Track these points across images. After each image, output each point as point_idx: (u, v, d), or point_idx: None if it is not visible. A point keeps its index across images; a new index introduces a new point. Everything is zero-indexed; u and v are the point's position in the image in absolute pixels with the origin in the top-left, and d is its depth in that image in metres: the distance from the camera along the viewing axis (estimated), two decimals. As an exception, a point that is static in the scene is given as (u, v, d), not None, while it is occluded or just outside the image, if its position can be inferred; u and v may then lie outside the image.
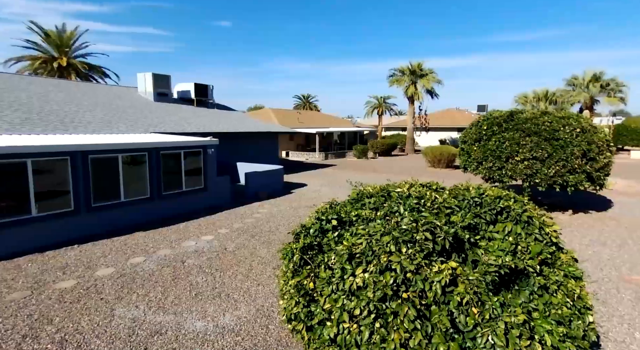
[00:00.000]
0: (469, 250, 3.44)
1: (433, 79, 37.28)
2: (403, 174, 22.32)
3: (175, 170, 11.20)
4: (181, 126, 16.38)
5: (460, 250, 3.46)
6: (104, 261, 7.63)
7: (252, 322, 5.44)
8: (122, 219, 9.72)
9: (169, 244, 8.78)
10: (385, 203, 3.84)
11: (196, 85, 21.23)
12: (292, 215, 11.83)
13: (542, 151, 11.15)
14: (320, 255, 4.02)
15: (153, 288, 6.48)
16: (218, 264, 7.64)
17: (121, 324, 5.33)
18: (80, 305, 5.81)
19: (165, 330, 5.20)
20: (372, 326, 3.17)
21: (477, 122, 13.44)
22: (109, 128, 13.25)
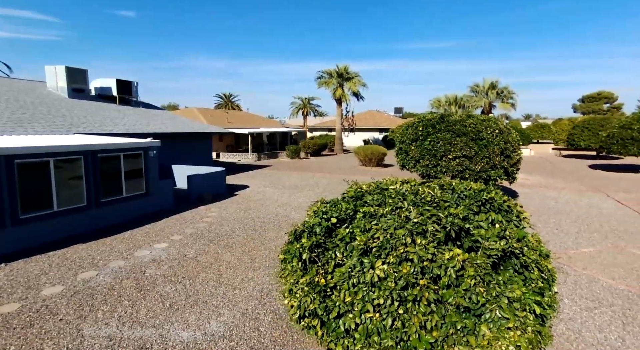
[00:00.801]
0: (464, 238, 3.91)
1: (359, 82, 39.15)
2: (338, 173, 23.17)
3: (114, 175, 10.25)
4: (107, 126, 14.94)
5: (456, 239, 3.93)
6: (46, 279, 6.75)
7: (241, 326, 5.37)
8: (56, 231, 8.62)
9: (120, 255, 8.06)
10: (390, 199, 4.15)
11: (118, 82, 19.44)
12: (245, 217, 11.63)
13: (470, 150, 12.62)
14: (327, 252, 4.19)
15: (119, 302, 5.96)
16: (183, 272, 7.27)
17: (96, 344, 4.85)
18: (37, 330, 5.12)
19: (150, 344, 4.87)
20: (394, 313, 3.45)
21: (412, 123, 14.62)
22: (22, 128, 11.56)
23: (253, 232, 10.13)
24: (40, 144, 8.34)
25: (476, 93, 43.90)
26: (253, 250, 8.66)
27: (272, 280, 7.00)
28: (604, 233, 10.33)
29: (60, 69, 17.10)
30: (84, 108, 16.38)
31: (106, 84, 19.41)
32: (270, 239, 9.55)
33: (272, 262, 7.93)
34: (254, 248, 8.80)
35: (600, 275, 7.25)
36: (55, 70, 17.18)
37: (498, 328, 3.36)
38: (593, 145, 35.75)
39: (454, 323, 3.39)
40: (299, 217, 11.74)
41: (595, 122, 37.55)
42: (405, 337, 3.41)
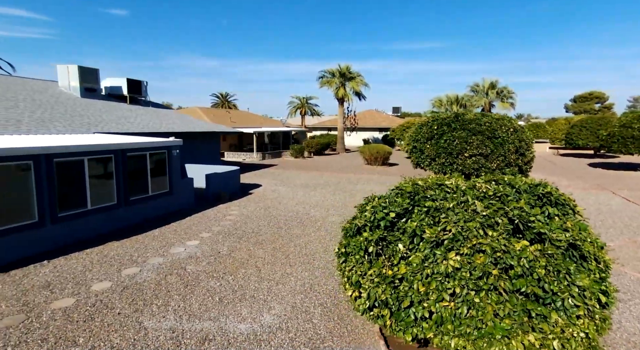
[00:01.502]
0: (526, 231, 4.12)
1: (361, 82, 39.39)
2: (345, 172, 23.38)
3: (141, 173, 10.35)
4: (123, 126, 15.00)
5: (518, 231, 4.14)
6: (92, 275, 6.87)
7: (294, 319, 5.54)
8: (89, 229, 8.72)
9: (156, 252, 8.19)
10: (454, 194, 4.35)
11: (129, 81, 19.46)
12: (266, 215, 11.79)
13: (486, 148, 12.89)
14: (390, 245, 4.38)
15: (169, 297, 6.11)
16: (222, 268, 7.42)
17: (160, 335, 5.00)
18: (99, 323, 5.26)
19: (212, 336, 5.03)
20: (469, 302, 3.65)
21: (426, 122, 14.87)
22: (45, 128, 11.61)
23: (278, 229, 10.30)
24: (75, 143, 8.43)
25: (476, 92, 44.33)
26: (283, 247, 8.83)
27: (311, 275, 7.18)
28: (619, 229, 10.64)
29: (73, 68, 17.09)
30: (97, 107, 16.41)
31: (116, 83, 19.42)
32: (297, 236, 9.73)
33: (305, 258, 8.11)
34: (284, 245, 8.96)
35: (627, 269, 7.52)
36: (67, 69, 17.17)
37: (569, 316, 3.57)
38: (591, 144, 36.26)
39: (527, 311, 3.60)
40: (319, 215, 11.93)
41: (593, 121, 38.08)
42: (480, 324, 3.61)
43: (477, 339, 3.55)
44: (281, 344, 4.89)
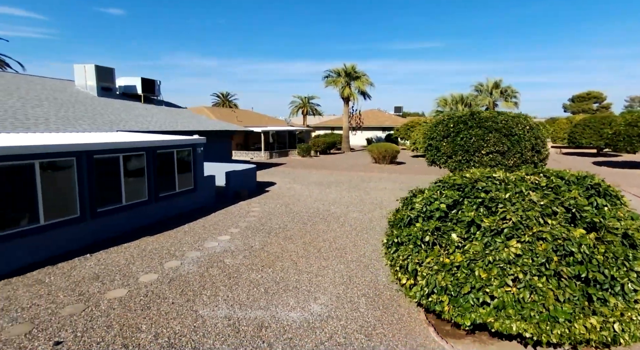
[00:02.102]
0: (578, 220, 4.33)
1: (367, 81, 39.61)
2: (354, 170, 23.59)
3: (169, 171, 10.54)
4: (143, 124, 15.18)
5: (572, 220, 4.34)
6: (136, 268, 7.06)
7: (341, 308, 5.74)
8: (124, 224, 8.92)
9: (191, 246, 8.38)
10: (506, 185, 4.55)
11: (143, 80, 19.63)
12: (288, 212, 11.98)
13: (502, 145, 13.10)
14: (445, 235, 4.58)
15: (216, 288, 6.30)
16: (259, 262, 7.62)
17: (218, 323, 5.20)
18: (156, 311, 5.45)
19: (267, 323, 5.23)
20: (531, 288, 3.86)
21: (441, 120, 15.07)
22: (72, 126, 11.78)
23: (304, 225, 10.49)
24: (111, 141, 8.62)
25: (480, 92, 44.60)
26: (313, 241, 9.03)
27: (346, 268, 7.38)
28: None
29: (90, 67, 17.25)
30: (115, 106, 16.58)
31: (130, 82, 19.59)
32: (323, 231, 9.93)
33: (336, 252, 8.31)
34: (313, 240, 9.16)
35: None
36: (84, 69, 17.33)
37: (627, 300, 3.78)
38: (594, 143, 36.52)
39: (587, 295, 3.81)
40: (340, 212, 12.13)
41: (596, 120, 38.36)
42: (541, 308, 3.82)
43: (539, 322, 3.75)
44: (335, 331, 5.09)
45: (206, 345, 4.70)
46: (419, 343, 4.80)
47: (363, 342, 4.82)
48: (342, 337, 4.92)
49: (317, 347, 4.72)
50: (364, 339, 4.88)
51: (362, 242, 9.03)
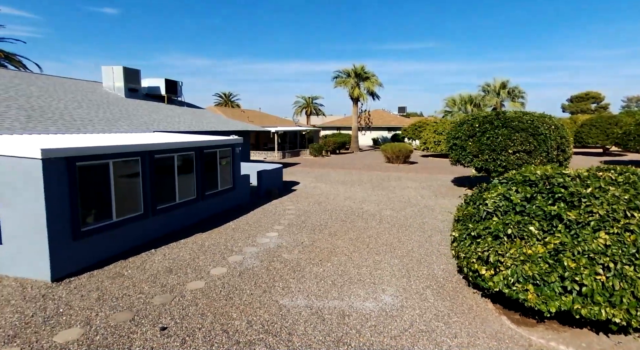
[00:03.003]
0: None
1: (376, 82, 39.97)
2: (371, 170, 23.94)
3: (212, 170, 10.87)
4: (174, 125, 15.52)
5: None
6: (202, 262, 7.39)
7: (411, 299, 6.07)
8: (177, 221, 9.25)
9: (245, 242, 8.71)
10: (584, 181, 4.88)
11: (167, 81, 19.96)
12: (323, 210, 12.31)
13: (529, 145, 13.45)
14: (525, 227, 4.91)
15: (285, 281, 6.63)
16: (314, 256, 7.95)
17: (302, 311, 5.53)
18: (239, 301, 5.78)
19: (348, 312, 5.57)
20: (621, 275, 4.19)
21: (466, 120, 15.42)
22: (114, 126, 12.11)
23: (343, 222, 10.82)
24: (167, 141, 8.95)
25: (487, 92, 44.96)
26: (358, 238, 9.36)
27: (400, 262, 7.71)
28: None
29: (118, 69, 17.58)
30: (143, 107, 16.91)
31: (154, 83, 19.91)
32: (364, 228, 10.26)
33: (384, 247, 8.64)
34: (358, 236, 9.49)
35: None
36: (112, 70, 17.66)
37: None
38: (601, 142, 36.88)
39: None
40: (373, 210, 12.46)
41: (603, 120, 38.74)
42: (630, 296, 4.15)
43: (629, 308, 4.09)
44: (414, 319, 5.42)
45: (299, 331, 5.04)
46: (496, 330, 5.14)
47: (444, 329, 5.16)
48: (422, 325, 5.26)
49: (402, 333, 5.05)
50: (444, 327, 5.21)
51: (406, 238, 9.36)
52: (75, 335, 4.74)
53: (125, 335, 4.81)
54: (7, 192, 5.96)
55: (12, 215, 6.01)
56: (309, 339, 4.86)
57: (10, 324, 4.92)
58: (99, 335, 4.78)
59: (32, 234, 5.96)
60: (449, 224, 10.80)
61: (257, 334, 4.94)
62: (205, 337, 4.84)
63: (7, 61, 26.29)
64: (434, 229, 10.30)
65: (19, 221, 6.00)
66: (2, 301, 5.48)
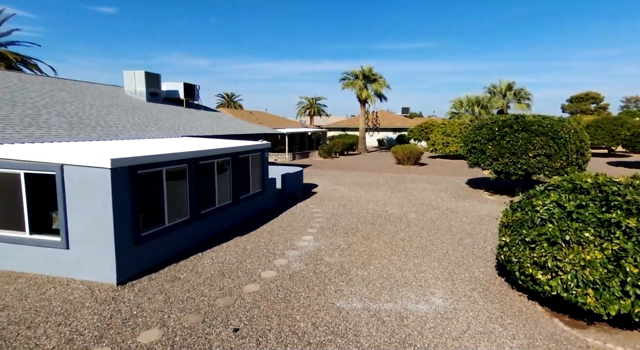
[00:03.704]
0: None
1: (384, 84, 40.22)
2: (384, 171, 24.21)
3: (245, 174, 11.12)
4: (198, 129, 15.77)
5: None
6: (250, 265, 7.64)
7: (461, 301, 6.32)
8: (217, 225, 9.51)
9: (285, 245, 8.97)
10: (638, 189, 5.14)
11: (185, 85, 20.19)
12: (349, 213, 12.56)
13: (550, 148, 13.71)
14: (582, 233, 5.17)
15: (335, 284, 6.89)
16: (355, 259, 8.20)
17: (360, 314, 5.79)
18: (297, 304, 6.03)
19: (405, 314, 5.82)
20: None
21: (484, 124, 15.68)
22: (146, 131, 12.36)
23: (372, 226, 11.08)
24: (209, 148, 9.20)
25: (494, 94, 45.21)
26: (391, 241, 9.61)
27: (440, 265, 7.96)
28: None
29: (140, 74, 17.82)
30: (165, 111, 17.16)
31: (173, 87, 20.14)
32: (394, 231, 10.51)
33: (420, 250, 8.89)
34: (391, 239, 9.74)
35: None
36: (134, 75, 17.90)
37: None
38: (607, 143, 37.15)
39: None
40: (398, 213, 12.71)
41: (608, 121, 39.01)
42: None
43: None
44: (469, 321, 5.68)
45: (364, 332, 5.30)
46: (551, 332, 5.39)
47: (501, 331, 5.42)
48: (479, 327, 5.51)
49: (461, 335, 5.31)
50: (500, 329, 5.47)
51: (438, 241, 9.61)
52: (155, 336, 4.99)
53: (202, 336, 5.07)
54: (75, 200, 6.21)
55: (79, 221, 6.26)
56: (375, 340, 5.11)
57: (93, 325, 5.17)
58: (177, 336, 5.04)
59: (99, 239, 6.22)
60: (475, 226, 11.07)
61: (325, 335, 5.20)
62: (277, 338, 5.10)
63: (22, 65, 26.54)
64: (463, 232, 10.55)
65: (86, 227, 6.25)
66: (77, 304, 5.74)
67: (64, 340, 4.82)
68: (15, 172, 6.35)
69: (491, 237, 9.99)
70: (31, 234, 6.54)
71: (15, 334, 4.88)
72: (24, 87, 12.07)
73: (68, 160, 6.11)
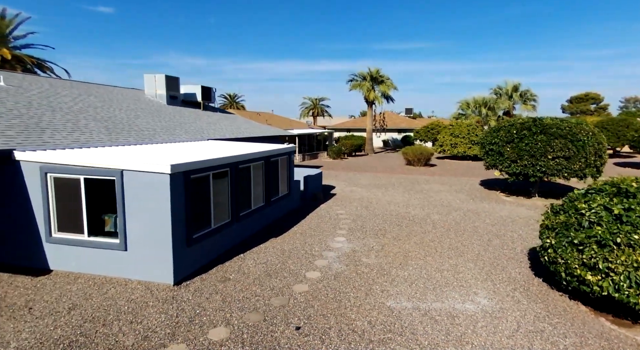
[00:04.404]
0: None
1: (391, 85, 40.48)
2: (395, 172, 24.44)
3: (275, 177, 11.35)
4: (219, 132, 16.00)
5: None
6: (293, 266, 7.86)
7: (505, 301, 6.54)
8: (252, 227, 9.74)
9: (321, 247, 9.19)
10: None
11: (203, 88, 20.43)
12: (373, 214, 12.79)
13: (569, 150, 13.94)
14: (631, 236, 5.39)
15: (380, 284, 7.11)
16: (391, 260, 8.42)
17: (412, 313, 6.02)
18: (348, 304, 6.25)
19: (455, 313, 6.05)
20: None
21: (502, 126, 15.92)
22: (176, 136, 12.58)
23: (399, 227, 11.31)
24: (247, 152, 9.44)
25: (500, 95, 45.46)
26: (422, 242, 9.83)
27: (475, 266, 8.18)
28: None
29: (160, 77, 18.07)
30: (186, 114, 17.40)
31: (191, 90, 20.37)
32: (422, 232, 10.73)
33: (453, 251, 9.11)
34: (421, 241, 9.96)
35: None
36: (154, 78, 18.14)
37: None
38: (612, 144, 37.36)
39: None
40: (421, 214, 12.94)
41: (614, 122, 39.27)
42: None
43: None
44: (518, 320, 5.90)
45: (420, 331, 5.52)
46: (600, 331, 5.62)
47: (551, 329, 5.64)
48: (529, 325, 5.74)
49: (514, 333, 5.53)
50: (550, 328, 5.69)
51: (467, 242, 9.84)
52: (224, 334, 5.22)
53: (267, 333, 5.30)
54: (133, 203, 6.44)
55: (137, 224, 6.49)
56: (433, 339, 5.34)
57: (163, 323, 5.40)
58: (244, 333, 5.27)
59: (157, 241, 6.45)
60: (500, 228, 11.29)
61: (384, 334, 5.43)
62: (339, 336, 5.33)
63: (38, 68, 26.79)
64: (489, 233, 10.77)
65: (144, 230, 6.48)
66: (141, 303, 5.97)
67: (140, 337, 5.06)
68: (75, 177, 6.58)
69: (517, 239, 10.22)
70: (89, 236, 6.77)
71: (93, 331, 5.12)
72: (56, 92, 12.30)
73: (128, 165, 6.34)
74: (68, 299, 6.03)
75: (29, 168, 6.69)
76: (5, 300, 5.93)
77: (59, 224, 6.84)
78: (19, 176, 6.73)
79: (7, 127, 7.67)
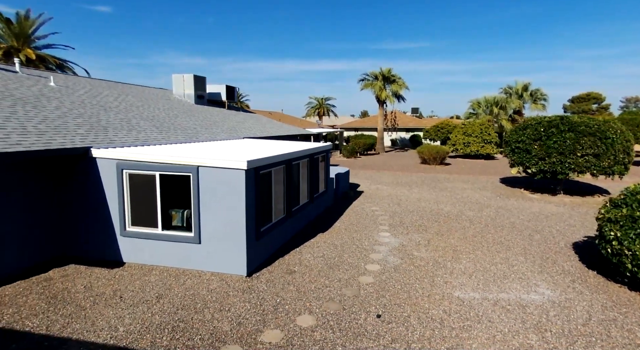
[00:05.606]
0: None
1: (403, 85, 40.68)
2: (412, 171, 24.63)
3: (316, 174, 11.57)
4: (250, 131, 16.24)
5: None
6: (351, 260, 8.05)
7: (567, 293, 6.73)
8: (300, 222, 9.96)
9: (370, 241, 9.38)
10: None
11: (227, 88, 20.70)
12: (407, 211, 12.98)
13: (598, 148, 14.12)
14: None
15: (440, 276, 7.31)
16: (442, 254, 8.62)
17: (482, 303, 6.22)
18: (418, 294, 6.46)
19: (524, 303, 6.25)
20: None
21: (528, 124, 16.10)
22: (216, 134, 12.82)
23: (437, 223, 11.50)
24: (298, 149, 9.68)
25: (510, 95, 45.63)
26: (465, 237, 10.02)
27: (525, 260, 8.35)
28: None
29: (189, 77, 18.33)
30: (214, 113, 17.64)
31: (216, 89, 20.64)
32: (461, 228, 10.92)
33: (498, 246, 9.30)
34: (464, 236, 10.15)
35: None
36: (183, 78, 18.41)
37: None
38: None
39: None
40: (454, 211, 13.12)
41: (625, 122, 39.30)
42: None
43: None
44: (587, 310, 6.08)
45: (495, 318, 5.73)
46: (668, 317, 5.81)
47: (623, 318, 5.82)
48: (600, 314, 5.93)
49: (587, 321, 5.72)
50: (621, 316, 5.88)
51: (510, 237, 10.02)
52: (311, 321, 5.44)
53: (352, 321, 5.51)
54: (207, 199, 6.67)
55: (211, 218, 6.71)
56: (512, 326, 5.54)
57: (250, 311, 5.63)
58: (330, 321, 5.48)
59: (230, 234, 6.67)
60: (536, 224, 11.47)
61: (462, 321, 5.63)
62: (420, 323, 5.54)
63: (59, 68, 27.09)
64: (527, 229, 10.96)
65: (218, 224, 6.70)
66: (222, 293, 6.19)
67: (235, 323, 5.28)
68: (151, 174, 6.82)
69: (557, 234, 10.40)
70: (163, 230, 7.01)
71: (189, 318, 5.34)
72: (98, 91, 12.55)
73: (204, 162, 6.57)
74: (151, 289, 6.26)
75: (106, 165, 6.93)
76: (93, 289, 6.17)
77: (132, 219, 7.08)
78: (95, 173, 6.96)
79: (77, 125, 7.91)
